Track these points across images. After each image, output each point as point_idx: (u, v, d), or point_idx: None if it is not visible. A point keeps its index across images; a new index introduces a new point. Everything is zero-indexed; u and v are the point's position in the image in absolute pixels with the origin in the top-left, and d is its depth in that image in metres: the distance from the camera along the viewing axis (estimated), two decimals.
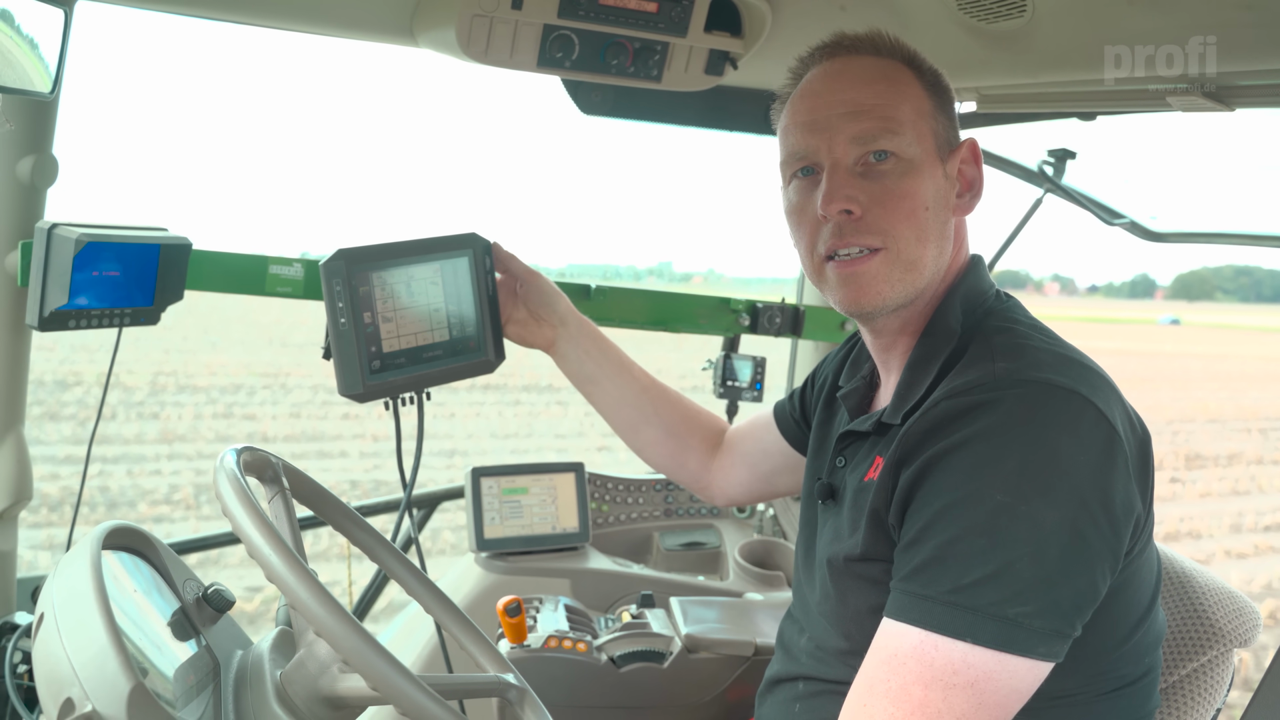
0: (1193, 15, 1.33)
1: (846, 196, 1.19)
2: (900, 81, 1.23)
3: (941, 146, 1.24)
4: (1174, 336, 45.29)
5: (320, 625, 0.94)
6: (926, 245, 1.21)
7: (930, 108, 1.24)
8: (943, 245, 1.24)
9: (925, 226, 1.20)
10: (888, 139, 1.19)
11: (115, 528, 1.15)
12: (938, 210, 1.22)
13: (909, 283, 1.21)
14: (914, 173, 1.20)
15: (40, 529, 8.78)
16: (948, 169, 1.24)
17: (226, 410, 16.39)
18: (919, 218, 1.20)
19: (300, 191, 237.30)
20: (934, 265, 1.23)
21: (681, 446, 1.71)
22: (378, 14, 1.80)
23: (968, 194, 1.27)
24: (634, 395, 1.69)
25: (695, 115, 2.22)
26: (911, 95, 1.23)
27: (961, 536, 1.02)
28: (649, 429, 1.70)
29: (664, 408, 1.71)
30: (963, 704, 1.00)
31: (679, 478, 1.75)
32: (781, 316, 2.47)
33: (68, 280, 1.57)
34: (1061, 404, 1.05)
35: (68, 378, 17.74)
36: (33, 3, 1.44)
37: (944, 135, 1.24)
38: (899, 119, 1.20)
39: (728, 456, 1.72)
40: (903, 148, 1.19)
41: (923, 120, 1.22)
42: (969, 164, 1.26)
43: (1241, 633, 1.36)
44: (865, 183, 1.20)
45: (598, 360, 1.67)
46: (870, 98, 1.21)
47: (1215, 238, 2.22)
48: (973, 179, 1.27)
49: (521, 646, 1.73)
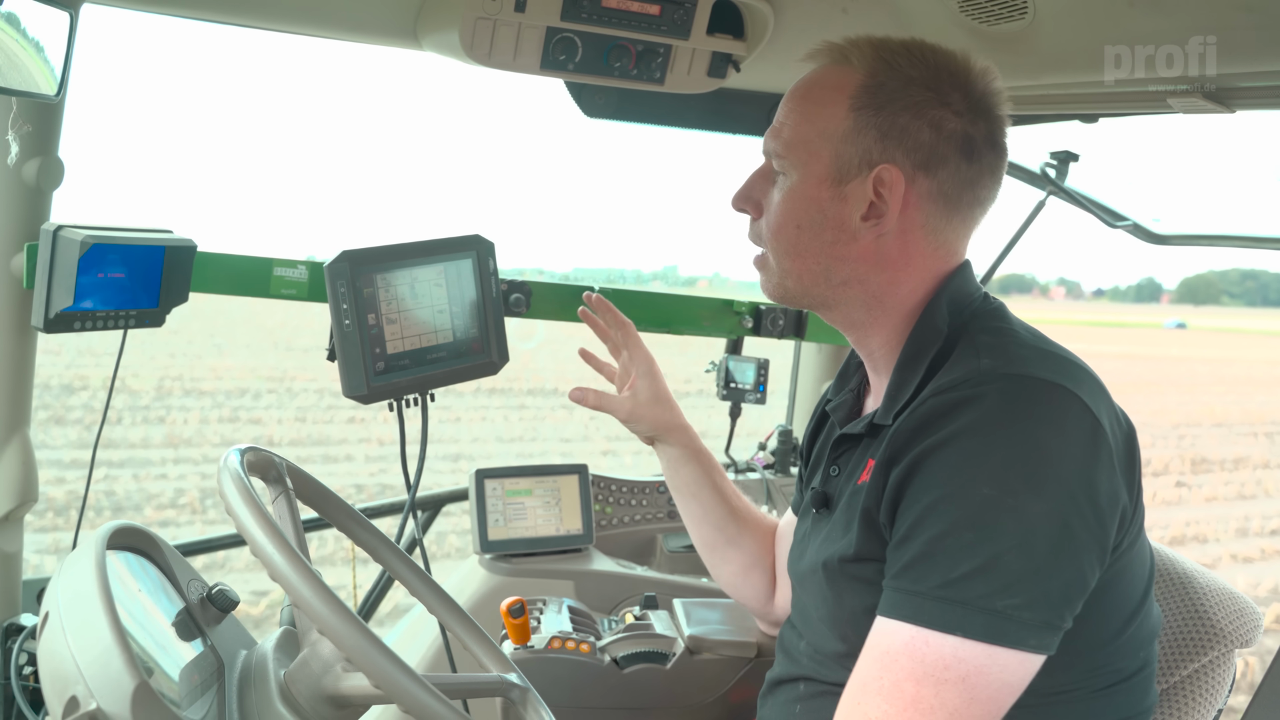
0: (1193, 16, 1.34)
1: (741, 196, 1.30)
2: (821, 101, 1.22)
3: (845, 169, 1.20)
4: (1180, 340, 45.20)
5: (324, 624, 0.94)
6: (798, 259, 1.25)
7: (846, 129, 1.20)
8: (830, 264, 1.23)
9: (795, 243, 1.24)
10: (777, 159, 1.25)
11: (120, 528, 1.15)
12: (816, 230, 1.22)
13: (790, 287, 1.28)
14: (790, 192, 1.24)
15: (46, 533, 8.82)
16: (850, 190, 1.20)
17: (232, 414, 16.43)
18: (786, 234, 1.24)
19: (305, 194, 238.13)
20: (822, 280, 1.25)
21: (760, 573, 1.66)
22: (381, 17, 1.81)
23: (875, 219, 1.20)
24: (720, 518, 1.65)
25: (698, 118, 2.23)
26: (824, 116, 1.21)
27: (949, 531, 1.02)
28: (731, 550, 1.66)
29: (747, 534, 1.66)
30: (955, 699, 1.00)
31: (746, 601, 1.71)
32: (784, 319, 2.48)
33: (73, 282, 1.58)
34: (1046, 398, 1.06)
35: (74, 382, 17.78)
36: (39, 6, 1.45)
37: (856, 157, 1.20)
38: (790, 140, 1.24)
39: (776, 571, 1.68)
40: (786, 167, 1.24)
41: (825, 142, 1.20)
42: (886, 188, 1.19)
43: (1242, 633, 1.36)
44: (769, 190, 1.28)
45: (692, 472, 1.65)
46: (783, 114, 1.26)
47: (1219, 240, 2.22)
48: (879, 210, 1.20)
49: (525, 647, 1.73)
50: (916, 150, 1.19)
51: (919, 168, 1.19)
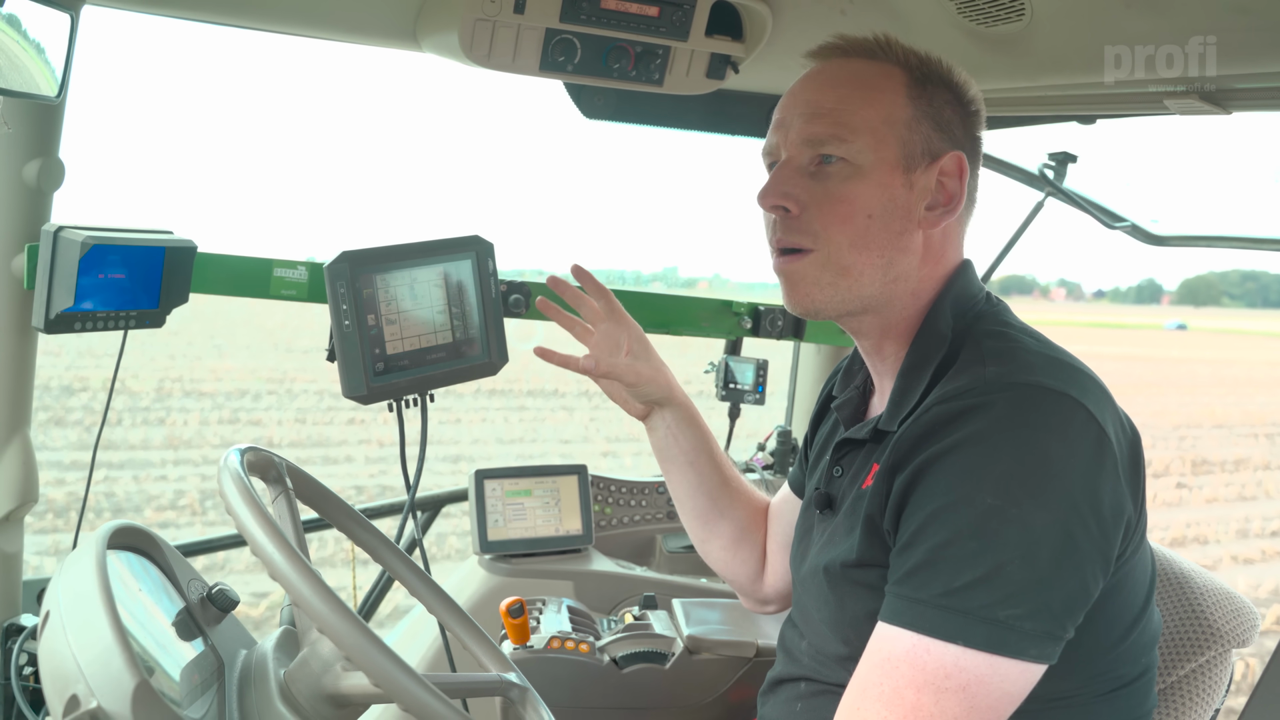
0: (1189, 18, 1.34)
1: (783, 193, 1.20)
2: (876, 87, 1.21)
3: (911, 156, 1.20)
4: (1181, 342, 45.19)
5: (323, 623, 0.95)
6: (864, 253, 1.19)
7: (908, 116, 1.20)
8: (894, 256, 1.21)
9: (865, 234, 1.19)
10: (835, 144, 1.19)
11: (120, 527, 1.16)
12: (886, 220, 1.19)
13: (843, 289, 1.20)
14: (859, 179, 1.18)
15: (46, 534, 8.82)
16: (915, 179, 1.20)
17: (232, 415, 16.43)
18: (856, 224, 1.18)
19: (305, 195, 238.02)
20: (880, 275, 1.21)
21: (750, 548, 1.63)
22: (381, 18, 1.81)
23: (940, 209, 1.22)
24: (714, 486, 1.61)
25: (697, 119, 2.23)
26: (884, 102, 1.20)
27: (953, 540, 1.02)
28: (723, 523, 1.62)
29: (739, 505, 1.63)
30: (955, 707, 1.00)
31: (735, 577, 1.65)
32: (784, 319, 2.48)
33: (73, 283, 1.58)
34: (1051, 407, 1.05)
35: (74, 383, 17.79)
36: (39, 7, 1.45)
37: (919, 145, 1.21)
38: (853, 125, 1.19)
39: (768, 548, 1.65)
40: (852, 154, 1.18)
41: (890, 128, 1.19)
42: (951, 178, 1.22)
43: (1240, 633, 1.36)
44: (811, 183, 1.20)
45: (692, 437, 1.60)
46: (831, 101, 1.20)
47: (1217, 241, 2.22)
48: (953, 193, 1.23)
49: (524, 647, 1.74)
50: (964, 142, 1.24)
51: (969, 158, 1.24)
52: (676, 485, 1.63)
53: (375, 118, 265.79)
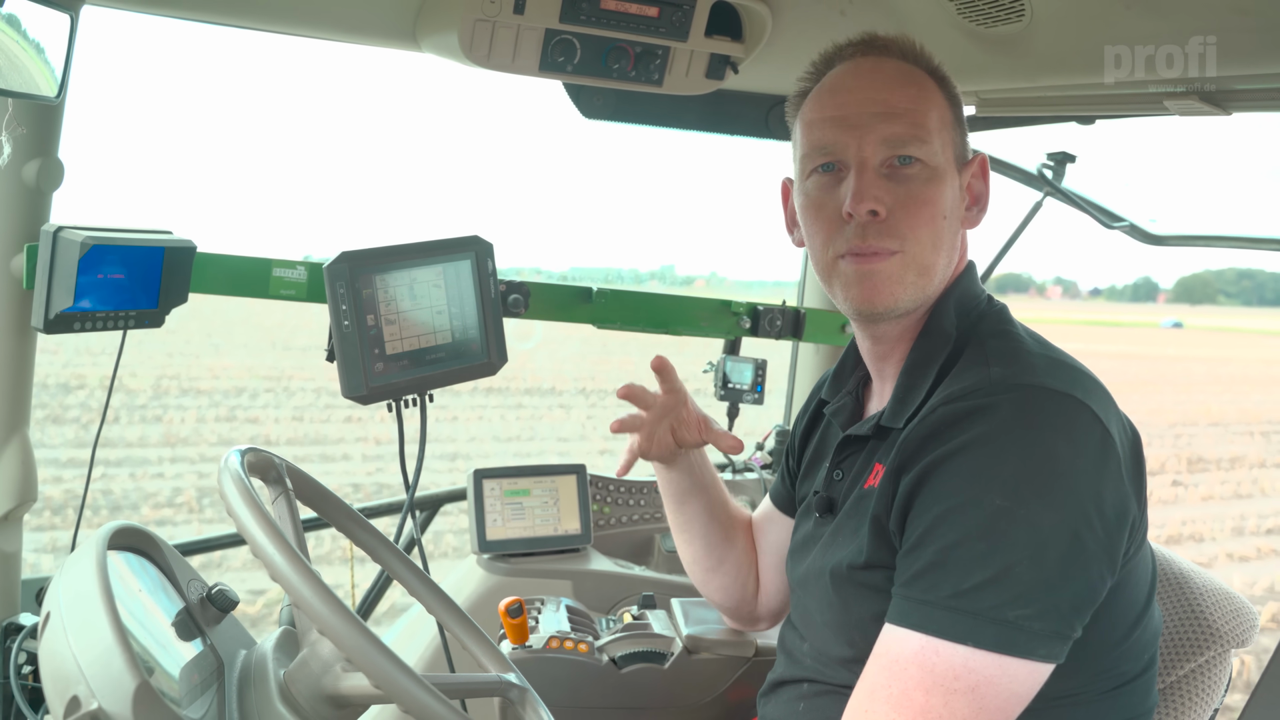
0: (1189, 19, 1.34)
1: (875, 197, 1.19)
2: (928, 89, 1.25)
3: (959, 158, 1.26)
4: (1176, 340, 45.20)
5: (323, 624, 0.95)
6: (939, 253, 1.23)
7: (951, 119, 1.26)
8: (951, 255, 1.26)
9: (941, 234, 1.22)
10: (917, 145, 1.20)
11: (120, 528, 1.16)
12: (952, 220, 1.24)
13: (920, 288, 1.22)
14: (937, 180, 1.21)
15: (44, 532, 8.80)
16: (961, 180, 1.26)
17: (229, 413, 16.41)
18: (937, 225, 1.21)
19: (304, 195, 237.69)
20: (943, 273, 1.25)
21: (750, 567, 1.67)
22: (381, 19, 1.81)
23: (974, 208, 1.29)
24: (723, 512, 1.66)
25: (696, 119, 2.23)
26: (937, 104, 1.24)
27: (961, 541, 1.03)
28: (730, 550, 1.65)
29: (739, 527, 1.67)
30: (964, 708, 1.00)
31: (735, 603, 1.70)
32: (782, 319, 2.48)
33: (73, 283, 1.58)
34: (1056, 408, 1.06)
35: (71, 381, 17.76)
36: (39, 7, 1.45)
37: (960, 147, 1.27)
38: (928, 126, 1.21)
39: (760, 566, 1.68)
40: (930, 155, 1.21)
41: (945, 130, 1.24)
42: (978, 178, 1.28)
43: (1239, 633, 1.36)
44: (891, 185, 1.20)
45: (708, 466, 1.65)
46: (904, 101, 1.22)
47: (1215, 240, 2.22)
48: (979, 193, 1.29)
49: (523, 647, 1.74)
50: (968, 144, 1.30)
51: None
52: (693, 515, 1.65)
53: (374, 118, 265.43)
